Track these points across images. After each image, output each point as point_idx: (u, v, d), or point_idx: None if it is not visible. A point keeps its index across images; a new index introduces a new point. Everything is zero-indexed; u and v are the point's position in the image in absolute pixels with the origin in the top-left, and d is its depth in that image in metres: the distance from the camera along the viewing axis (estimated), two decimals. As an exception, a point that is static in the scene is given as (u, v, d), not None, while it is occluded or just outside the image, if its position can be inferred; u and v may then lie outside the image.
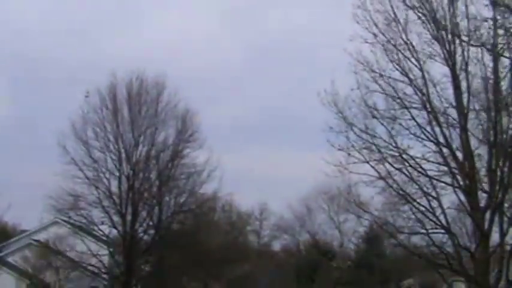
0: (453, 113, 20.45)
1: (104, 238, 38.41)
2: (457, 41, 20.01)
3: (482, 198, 20.46)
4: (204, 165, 37.11)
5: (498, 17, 18.78)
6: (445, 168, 20.59)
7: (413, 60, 20.58)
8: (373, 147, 20.60)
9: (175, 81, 40.09)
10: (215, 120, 73.30)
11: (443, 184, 20.72)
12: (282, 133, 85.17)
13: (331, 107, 20.75)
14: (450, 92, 20.44)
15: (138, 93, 36.60)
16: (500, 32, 18.91)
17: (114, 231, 37.52)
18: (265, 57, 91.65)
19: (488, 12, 19.24)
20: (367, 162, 20.62)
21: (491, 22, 19.09)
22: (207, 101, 74.18)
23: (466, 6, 19.79)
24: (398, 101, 20.57)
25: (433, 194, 20.74)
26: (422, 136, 20.52)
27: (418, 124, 20.48)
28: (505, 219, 20.54)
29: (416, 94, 20.52)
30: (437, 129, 20.48)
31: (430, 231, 21.17)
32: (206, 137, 37.63)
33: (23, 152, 70.24)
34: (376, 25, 20.68)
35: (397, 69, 20.71)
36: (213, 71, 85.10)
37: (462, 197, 20.67)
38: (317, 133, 21.51)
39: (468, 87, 20.21)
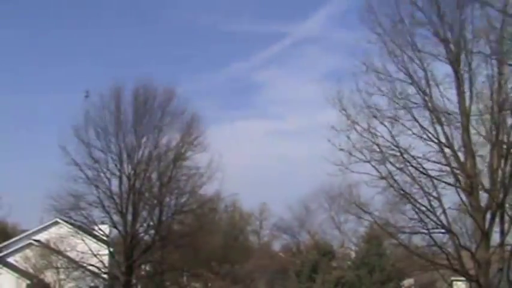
0: (455, 113, 20.49)
1: (105, 238, 38.32)
2: (462, 44, 20.05)
3: (483, 198, 20.50)
4: (205, 167, 37.15)
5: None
6: (447, 168, 20.64)
7: (416, 60, 20.65)
8: (375, 147, 20.62)
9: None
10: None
11: (444, 184, 20.77)
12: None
13: (336, 104, 20.83)
14: (453, 92, 20.50)
15: (144, 98, 36.91)
16: (507, 41, 18.97)
17: (115, 231, 37.45)
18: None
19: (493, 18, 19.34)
20: (369, 162, 20.65)
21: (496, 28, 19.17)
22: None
23: (472, 11, 19.90)
24: (400, 101, 20.62)
25: (434, 194, 20.78)
26: (424, 136, 20.58)
27: (420, 124, 20.50)
28: (506, 219, 20.58)
29: (419, 94, 20.58)
30: (439, 129, 20.52)
31: (431, 231, 21.20)
32: (210, 142, 37.80)
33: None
34: (381, 25, 20.77)
35: (400, 69, 20.78)
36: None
37: (463, 197, 20.71)
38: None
39: (471, 87, 20.26)
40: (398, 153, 20.53)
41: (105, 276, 38.60)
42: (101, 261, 36.77)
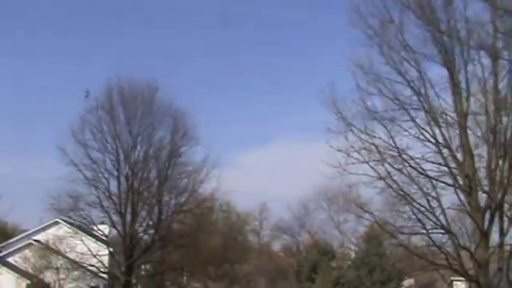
0: (452, 113, 20.42)
1: (104, 238, 38.35)
2: (456, 42, 19.96)
3: (482, 198, 20.43)
4: (202, 163, 37.11)
5: (497, 19, 18.76)
6: (445, 169, 20.53)
7: (410, 61, 20.55)
8: (373, 148, 20.52)
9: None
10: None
11: (443, 184, 20.66)
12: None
13: (330, 108, 20.74)
14: (449, 92, 20.43)
15: (132, 95, 36.82)
16: (499, 34, 18.87)
17: (114, 231, 37.47)
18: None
19: (485, 14, 19.27)
20: (367, 163, 20.56)
21: (489, 24, 19.10)
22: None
23: (464, 7, 19.82)
24: (396, 102, 20.54)
25: (433, 194, 20.67)
26: (422, 137, 20.47)
27: (417, 125, 20.43)
28: (505, 219, 20.52)
29: (415, 95, 20.50)
30: (436, 129, 20.43)
31: (430, 231, 21.10)
32: (201, 135, 37.85)
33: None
34: (370, 27, 20.66)
35: (394, 71, 20.69)
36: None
37: (462, 197, 20.64)
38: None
39: (467, 87, 20.18)
40: (396, 154, 20.43)
41: (105, 276, 38.63)
42: (101, 262, 36.80)
